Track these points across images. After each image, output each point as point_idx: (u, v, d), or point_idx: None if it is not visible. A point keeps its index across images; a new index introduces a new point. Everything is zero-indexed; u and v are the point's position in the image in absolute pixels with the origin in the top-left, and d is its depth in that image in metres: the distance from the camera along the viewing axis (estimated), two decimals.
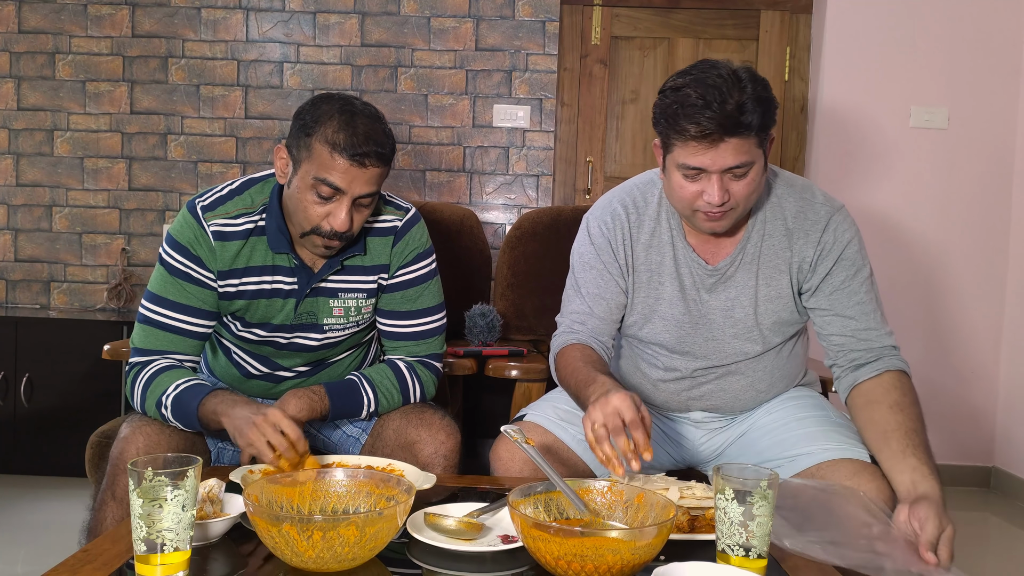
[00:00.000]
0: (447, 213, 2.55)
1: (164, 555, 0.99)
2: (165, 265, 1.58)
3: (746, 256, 1.56)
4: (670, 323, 1.60)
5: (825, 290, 1.55)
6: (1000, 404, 3.45)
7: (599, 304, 1.62)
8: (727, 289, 1.57)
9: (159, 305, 1.57)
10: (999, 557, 2.83)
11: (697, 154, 1.37)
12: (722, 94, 1.33)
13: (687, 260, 1.58)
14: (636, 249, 1.60)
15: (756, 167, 1.40)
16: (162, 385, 1.53)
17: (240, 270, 1.58)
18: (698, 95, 1.34)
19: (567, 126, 3.63)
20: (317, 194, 1.47)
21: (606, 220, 1.61)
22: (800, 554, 1.15)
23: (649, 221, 1.60)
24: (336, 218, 1.48)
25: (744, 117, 1.34)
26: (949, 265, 3.45)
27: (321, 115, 1.47)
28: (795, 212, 1.55)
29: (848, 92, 3.44)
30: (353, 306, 1.65)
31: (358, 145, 1.44)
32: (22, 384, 3.15)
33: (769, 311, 1.57)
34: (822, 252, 1.54)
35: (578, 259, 1.66)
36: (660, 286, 1.60)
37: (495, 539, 1.19)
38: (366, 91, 3.54)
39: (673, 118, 1.37)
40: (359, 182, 1.47)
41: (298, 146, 1.49)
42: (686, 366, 1.62)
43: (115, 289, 3.51)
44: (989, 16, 3.38)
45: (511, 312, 2.46)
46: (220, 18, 3.53)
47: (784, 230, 1.55)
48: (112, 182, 3.57)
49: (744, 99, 1.34)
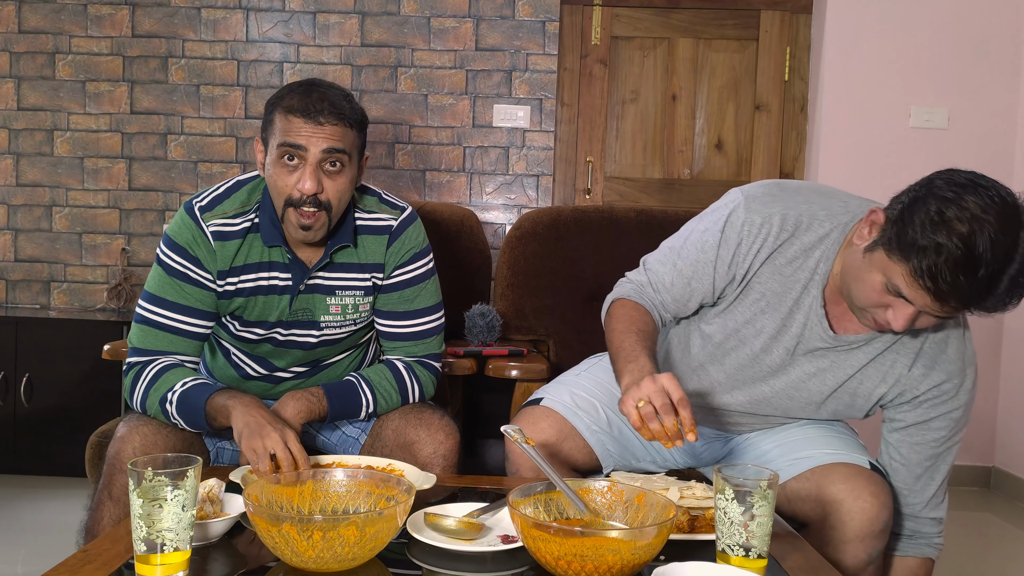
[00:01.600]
0: (447, 213, 2.54)
1: (164, 555, 0.99)
2: (163, 265, 1.57)
3: (864, 349, 1.43)
4: (742, 351, 1.48)
5: (912, 437, 1.47)
6: (1000, 404, 3.45)
7: (680, 285, 1.47)
8: (821, 360, 1.45)
9: (157, 305, 1.57)
10: (999, 557, 2.83)
11: (914, 293, 1.21)
12: (989, 287, 1.15)
13: (809, 311, 1.41)
14: (764, 269, 1.41)
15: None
16: (168, 383, 1.52)
17: (238, 268, 1.58)
18: (968, 283, 1.15)
19: (567, 126, 3.63)
20: (285, 162, 1.49)
21: (754, 221, 1.39)
22: None
23: (798, 247, 1.39)
24: (303, 182, 1.48)
25: (989, 299, 1.17)
26: None
27: (282, 93, 1.52)
28: (938, 341, 1.42)
29: (848, 92, 3.43)
30: (350, 303, 1.65)
31: (312, 103, 1.47)
32: (22, 384, 3.15)
33: (841, 403, 1.49)
34: (935, 398, 1.43)
35: (700, 231, 1.46)
36: (762, 315, 1.44)
37: (495, 539, 1.19)
38: (366, 91, 3.54)
39: (923, 275, 1.17)
40: (317, 139, 1.47)
41: (265, 129, 1.53)
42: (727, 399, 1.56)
43: (115, 289, 3.51)
44: (989, 16, 3.38)
45: (511, 312, 2.46)
46: (220, 18, 3.53)
47: (914, 349, 1.42)
48: (112, 182, 3.57)
49: (1003, 277, 1.15)
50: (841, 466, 1.45)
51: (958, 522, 3.10)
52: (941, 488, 1.52)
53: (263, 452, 1.37)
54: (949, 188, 1.18)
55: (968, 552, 2.82)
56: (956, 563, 2.68)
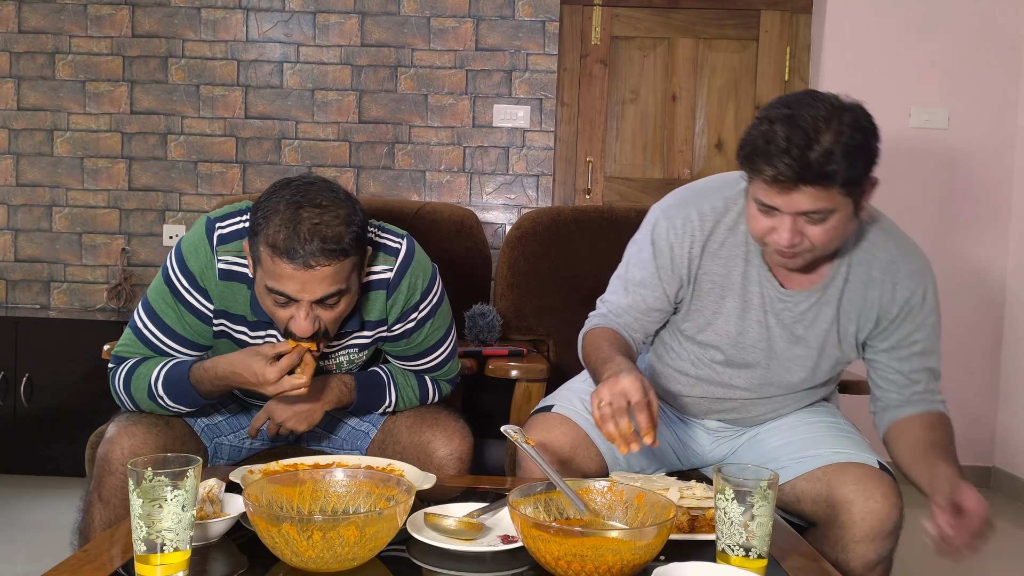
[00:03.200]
0: (447, 213, 2.54)
1: (164, 555, 0.99)
2: (169, 284, 1.48)
3: (825, 296, 1.48)
4: (723, 339, 1.54)
5: (899, 353, 1.51)
6: (1000, 404, 3.45)
7: (639, 304, 1.55)
8: (795, 323, 1.50)
9: (153, 323, 1.50)
10: (999, 557, 2.83)
11: (771, 194, 1.30)
12: (808, 138, 1.24)
13: (759, 278, 1.49)
14: (703, 259, 1.51)
15: (838, 216, 1.31)
16: (143, 376, 1.49)
17: (237, 316, 1.50)
18: (784, 135, 1.24)
19: (567, 126, 3.63)
20: (274, 301, 1.35)
21: (676, 224, 1.51)
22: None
23: (723, 229, 1.50)
24: (296, 323, 1.34)
25: (829, 167, 1.23)
26: (949, 265, 3.45)
27: (269, 211, 1.31)
28: (887, 261, 1.47)
29: (848, 92, 3.41)
30: (344, 360, 1.60)
31: (300, 245, 1.27)
32: (22, 384, 3.15)
33: (831, 357, 1.53)
34: (907, 313, 1.48)
35: (635, 252, 1.57)
36: (722, 300, 1.52)
37: (495, 539, 1.19)
38: (366, 91, 3.54)
39: (753, 155, 1.29)
40: (311, 285, 1.31)
41: (252, 245, 1.36)
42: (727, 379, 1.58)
43: (115, 289, 3.51)
44: (989, 16, 3.38)
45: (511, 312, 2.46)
46: (220, 18, 3.53)
47: (868, 277, 1.47)
48: (112, 182, 3.56)
49: (834, 147, 1.24)
50: (852, 466, 1.44)
51: None
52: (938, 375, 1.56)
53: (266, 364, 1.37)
54: (777, 102, 1.32)
55: None
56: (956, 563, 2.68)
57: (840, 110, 1.28)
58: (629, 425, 1.24)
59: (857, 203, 1.33)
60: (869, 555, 1.39)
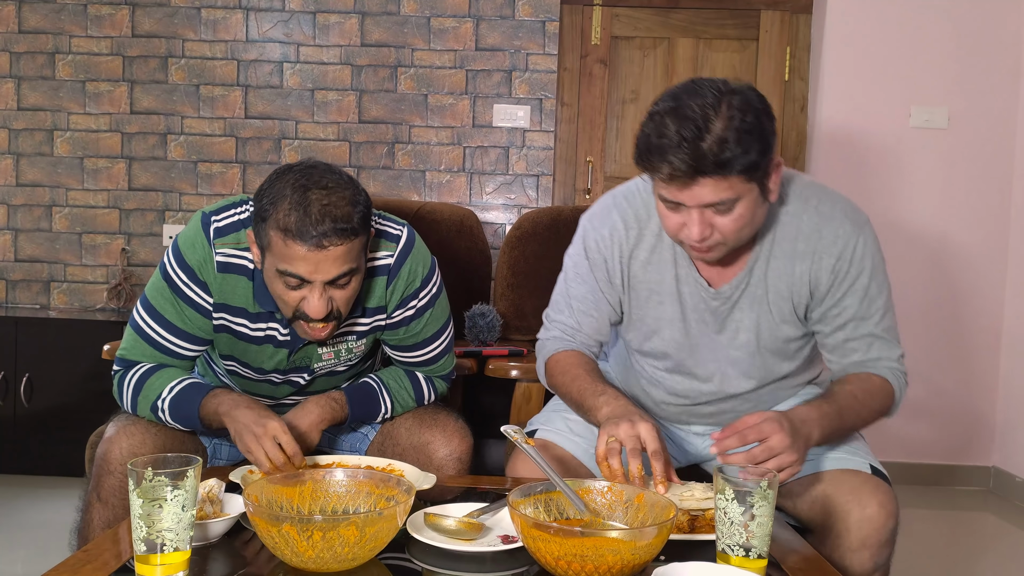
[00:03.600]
0: (447, 213, 2.55)
1: (164, 555, 0.99)
2: (167, 279, 1.48)
3: (753, 278, 1.44)
4: (669, 344, 1.51)
5: (835, 322, 1.45)
6: (1000, 404, 3.45)
7: (587, 319, 1.55)
8: (731, 317, 1.47)
9: (153, 320, 1.50)
10: (999, 557, 2.83)
11: (672, 191, 1.27)
12: (698, 128, 1.20)
13: (689, 280, 1.47)
14: (634, 267, 1.49)
15: (744, 203, 1.27)
16: (155, 388, 1.49)
17: (237, 309, 1.49)
18: (675, 128, 1.21)
19: (567, 126, 3.63)
20: (285, 283, 1.35)
21: (603, 234, 1.50)
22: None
23: (650, 237, 1.48)
24: (309, 304, 1.35)
25: (723, 155, 1.20)
26: (949, 265, 3.45)
27: (275, 195, 1.32)
28: (809, 230, 1.42)
29: (848, 92, 3.43)
30: (343, 348, 1.58)
31: (312, 226, 1.28)
32: (22, 384, 3.15)
33: (772, 339, 1.48)
34: (836, 279, 1.42)
35: (572, 268, 1.57)
36: (660, 306, 1.50)
37: (495, 539, 1.19)
38: (366, 91, 3.54)
39: (645, 155, 1.25)
40: (324, 266, 1.32)
41: (259, 233, 1.36)
42: (687, 389, 1.57)
43: (115, 289, 3.51)
44: (989, 16, 3.38)
45: (511, 312, 2.46)
46: (220, 18, 3.53)
47: (792, 251, 1.42)
48: (112, 182, 3.56)
49: (726, 133, 1.20)
50: (847, 474, 1.42)
51: (958, 522, 3.10)
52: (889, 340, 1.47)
53: (260, 455, 1.37)
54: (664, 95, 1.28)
55: (968, 552, 2.82)
56: (956, 563, 2.69)
57: (728, 94, 1.23)
58: (640, 468, 1.25)
59: (763, 187, 1.29)
60: (866, 564, 1.37)
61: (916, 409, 3.45)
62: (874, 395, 1.43)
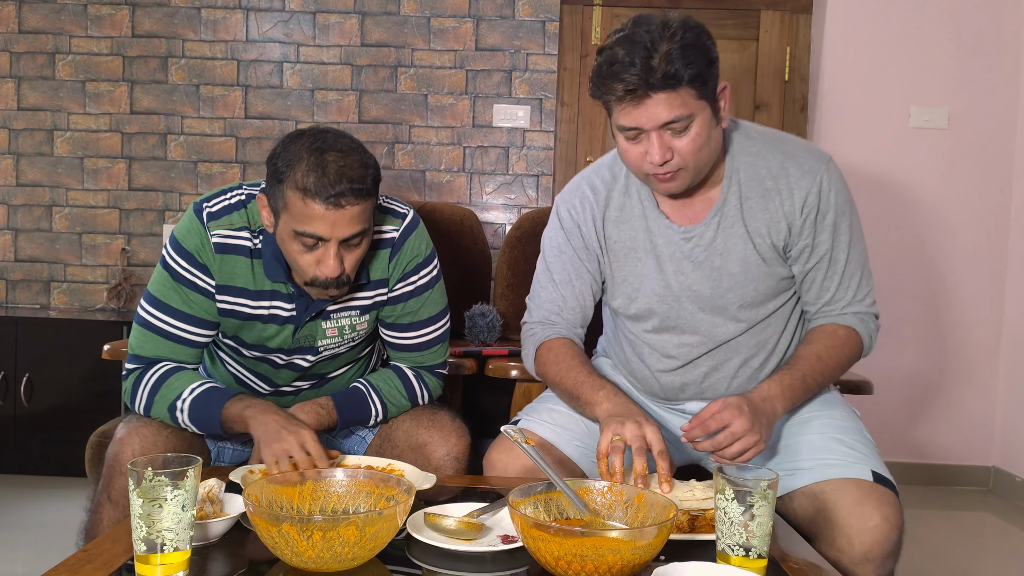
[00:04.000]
0: (447, 213, 2.55)
1: (164, 555, 0.99)
2: (168, 269, 1.52)
3: (725, 219, 1.48)
4: (652, 298, 1.54)
5: (805, 258, 1.49)
6: (1000, 404, 3.45)
7: (570, 290, 1.59)
8: (709, 257, 1.49)
9: (159, 310, 1.52)
10: (999, 557, 2.83)
11: (629, 113, 1.34)
12: (647, 49, 1.30)
13: (660, 229, 1.51)
14: (607, 227, 1.56)
15: (699, 121, 1.34)
16: (174, 389, 1.50)
17: (238, 289, 1.52)
18: (624, 52, 1.31)
19: (567, 126, 3.63)
20: (302, 244, 1.40)
21: (574, 204, 1.58)
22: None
23: (618, 196, 1.56)
24: (325, 265, 1.40)
25: (670, 68, 1.29)
26: (949, 265, 3.45)
27: (291, 158, 1.38)
28: (777, 169, 1.47)
29: (848, 92, 3.43)
30: (347, 324, 1.60)
31: (331, 186, 1.34)
32: (22, 384, 3.15)
33: (756, 277, 1.49)
34: (808, 214, 1.46)
35: (549, 244, 1.63)
36: (638, 262, 1.54)
37: (495, 539, 1.19)
38: (366, 91, 3.54)
39: (603, 80, 1.34)
40: (340, 225, 1.37)
41: (274, 195, 1.41)
42: (676, 347, 1.56)
43: (115, 289, 3.51)
44: (989, 16, 3.38)
45: (511, 312, 2.46)
46: (220, 18, 3.53)
47: (763, 189, 1.47)
48: (112, 182, 3.57)
49: (671, 49, 1.29)
50: (849, 484, 1.37)
51: (958, 522, 3.10)
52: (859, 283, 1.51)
53: (282, 455, 1.37)
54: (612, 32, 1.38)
55: (968, 552, 2.82)
56: (956, 563, 2.69)
57: (669, 21, 1.35)
58: (644, 467, 1.27)
59: (715, 108, 1.37)
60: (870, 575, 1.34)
61: (916, 409, 3.45)
62: (839, 349, 1.49)
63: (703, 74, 1.32)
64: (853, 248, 1.50)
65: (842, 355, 1.49)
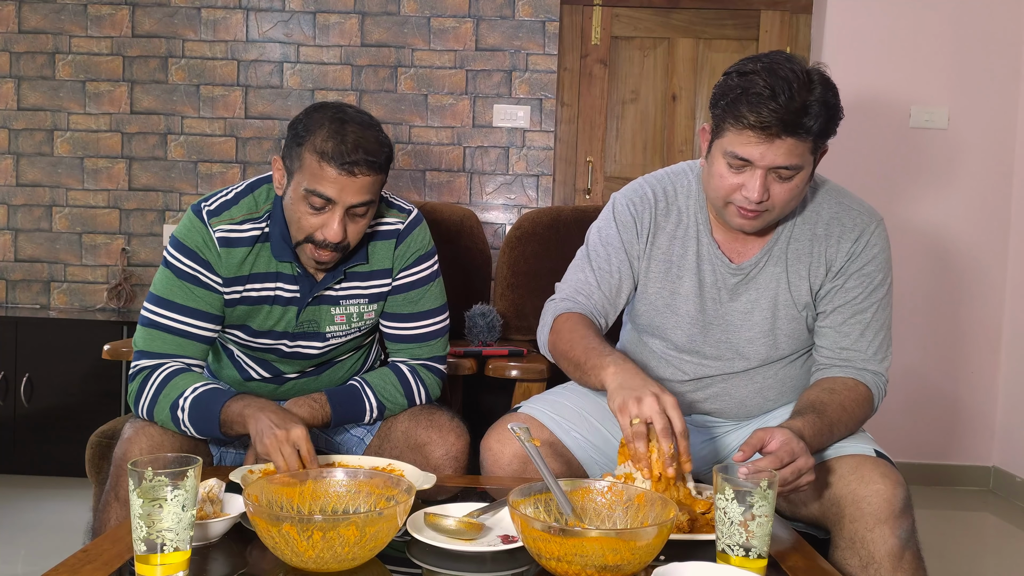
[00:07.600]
0: (447, 213, 2.55)
1: (164, 555, 0.99)
2: (171, 268, 1.54)
3: (772, 258, 1.52)
4: (683, 319, 1.55)
5: (836, 301, 1.50)
6: (1000, 404, 3.45)
7: (607, 280, 1.57)
8: (748, 291, 1.53)
9: (165, 308, 1.54)
10: (999, 557, 2.83)
11: (749, 145, 1.33)
12: (791, 89, 1.29)
13: (711, 256, 1.53)
14: (659, 237, 1.56)
15: (802, 174, 1.37)
16: (178, 388, 1.50)
17: (244, 277, 1.56)
18: (766, 83, 1.29)
19: (567, 126, 3.63)
20: (310, 205, 1.45)
21: (634, 200, 1.58)
22: None
23: (676, 212, 1.56)
24: (329, 228, 1.45)
25: (807, 119, 1.29)
26: (949, 265, 3.45)
27: (312, 124, 1.45)
28: (829, 218, 1.51)
29: (848, 92, 3.42)
30: (355, 312, 1.64)
31: (347, 153, 1.41)
32: (22, 384, 3.15)
33: (788, 317, 1.52)
34: (849, 260, 1.49)
35: (596, 234, 1.62)
36: (678, 280, 1.55)
37: (495, 539, 1.19)
38: (366, 91, 3.54)
39: (734, 102, 1.32)
40: (349, 191, 1.43)
41: (291, 156, 1.48)
42: (694, 367, 1.58)
43: (115, 289, 3.51)
44: (989, 16, 3.38)
45: (511, 312, 2.46)
46: (220, 18, 3.53)
47: (812, 235, 1.51)
48: (112, 182, 3.57)
49: (811, 100, 1.30)
50: (845, 459, 1.41)
51: (958, 522, 3.10)
52: (881, 343, 1.52)
53: (276, 457, 1.38)
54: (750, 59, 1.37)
55: (968, 552, 2.82)
56: (956, 563, 2.68)
57: (812, 70, 1.34)
58: (671, 448, 1.22)
59: (815, 164, 1.39)
60: (889, 540, 1.33)
61: (917, 409, 3.45)
62: (861, 405, 1.48)
63: (828, 133, 1.35)
64: (882, 308, 1.52)
65: (860, 413, 1.48)
